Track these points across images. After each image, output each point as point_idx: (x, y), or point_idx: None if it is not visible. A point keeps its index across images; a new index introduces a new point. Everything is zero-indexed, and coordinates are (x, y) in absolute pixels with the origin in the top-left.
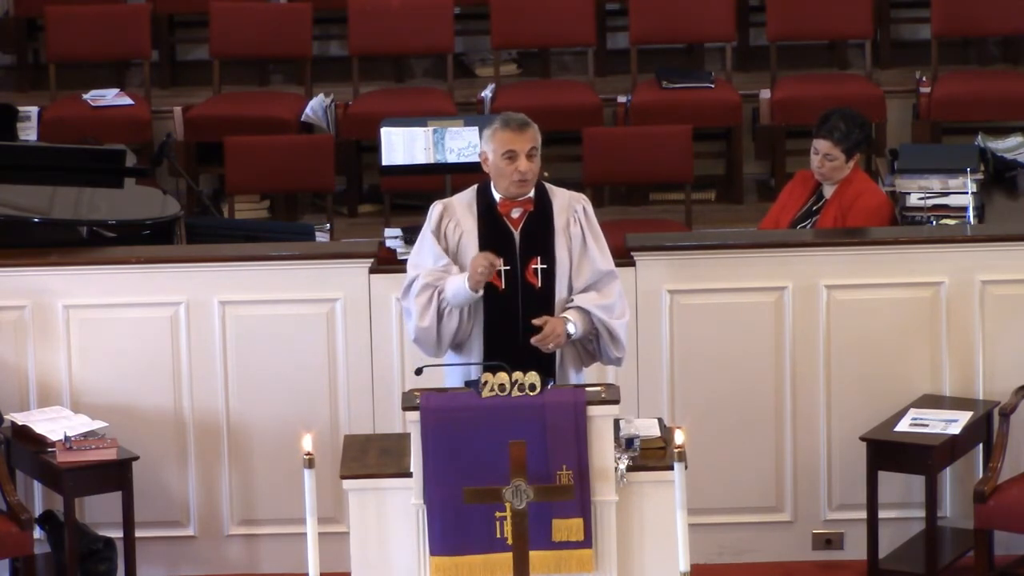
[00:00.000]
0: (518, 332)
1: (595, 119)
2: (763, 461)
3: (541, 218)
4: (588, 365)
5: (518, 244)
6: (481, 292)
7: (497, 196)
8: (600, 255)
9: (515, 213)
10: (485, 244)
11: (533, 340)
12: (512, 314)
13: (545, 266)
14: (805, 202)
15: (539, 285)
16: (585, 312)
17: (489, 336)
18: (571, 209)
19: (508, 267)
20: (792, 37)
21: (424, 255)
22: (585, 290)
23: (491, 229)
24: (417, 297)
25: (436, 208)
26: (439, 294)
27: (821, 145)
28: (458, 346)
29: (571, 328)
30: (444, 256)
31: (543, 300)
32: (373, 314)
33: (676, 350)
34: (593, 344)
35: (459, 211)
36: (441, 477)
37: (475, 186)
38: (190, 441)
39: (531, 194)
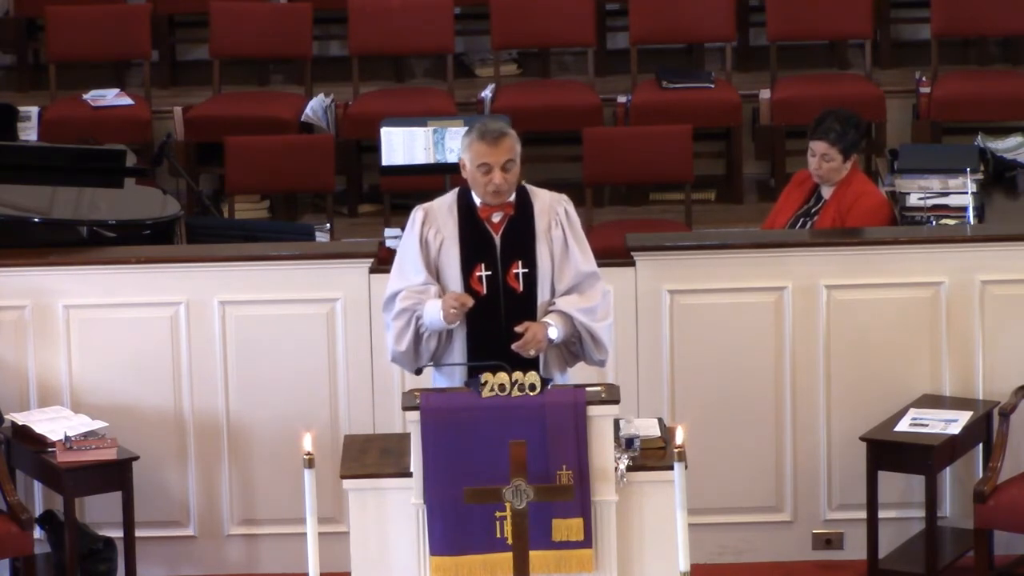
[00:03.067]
0: (500, 337)
1: (595, 119)
2: (763, 461)
3: (522, 222)
4: (572, 366)
5: (499, 249)
6: (458, 323)
7: (477, 200)
8: (582, 256)
9: (496, 217)
10: (466, 250)
11: (514, 346)
12: (494, 319)
13: (526, 270)
14: (802, 203)
15: (521, 289)
16: (567, 316)
17: (471, 341)
18: (552, 211)
19: (490, 272)
20: (792, 37)
21: (406, 264)
22: (567, 292)
23: (472, 234)
24: (395, 320)
25: (418, 214)
26: (417, 319)
27: (817, 147)
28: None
29: (552, 333)
30: (423, 270)
31: (525, 304)
32: (373, 314)
33: (676, 350)
34: (576, 346)
35: (440, 216)
36: (441, 477)
37: (456, 189)
38: (190, 441)
39: (511, 198)
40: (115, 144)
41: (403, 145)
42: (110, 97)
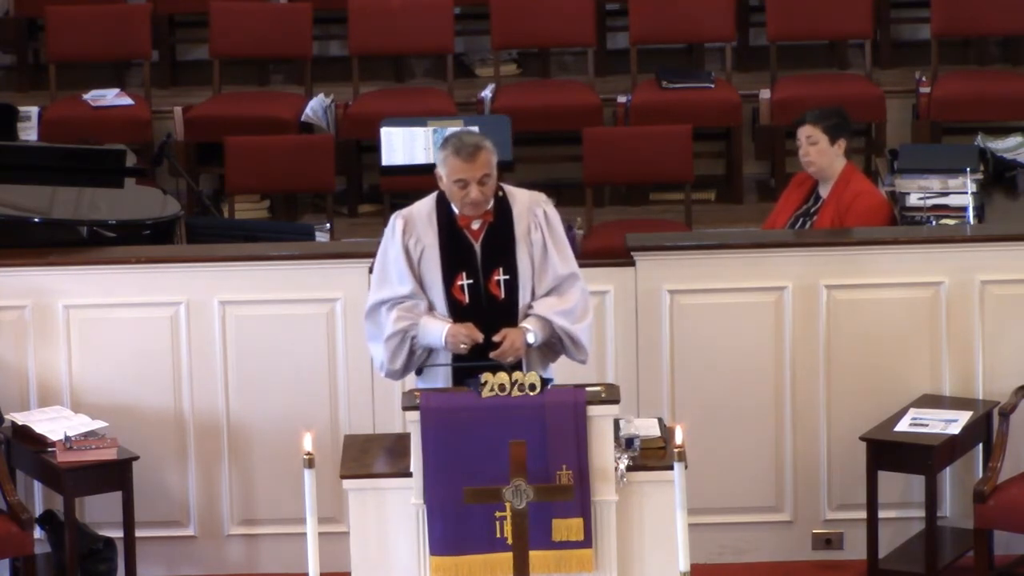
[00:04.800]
0: (482, 344)
1: (595, 119)
2: (763, 461)
3: (502, 228)
4: (553, 362)
5: (479, 257)
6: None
7: (456, 208)
8: (560, 259)
9: (475, 225)
10: (447, 259)
11: (492, 355)
12: (476, 326)
13: (508, 277)
14: (801, 204)
15: (502, 296)
16: (545, 320)
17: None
18: (531, 214)
19: (471, 281)
20: (792, 37)
21: (390, 273)
22: (546, 295)
23: (452, 243)
24: (387, 341)
25: (397, 222)
26: (412, 338)
27: (802, 132)
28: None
29: (531, 338)
30: (409, 280)
31: (506, 311)
32: None
33: (676, 350)
34: (557, 345)
35: (420, 225)
36: (441, 477)
37: (435, 194)
38: (190, 441)
39: (490, 205)
40: (115, 144)
41: (403, 145)
42: (110, 97)
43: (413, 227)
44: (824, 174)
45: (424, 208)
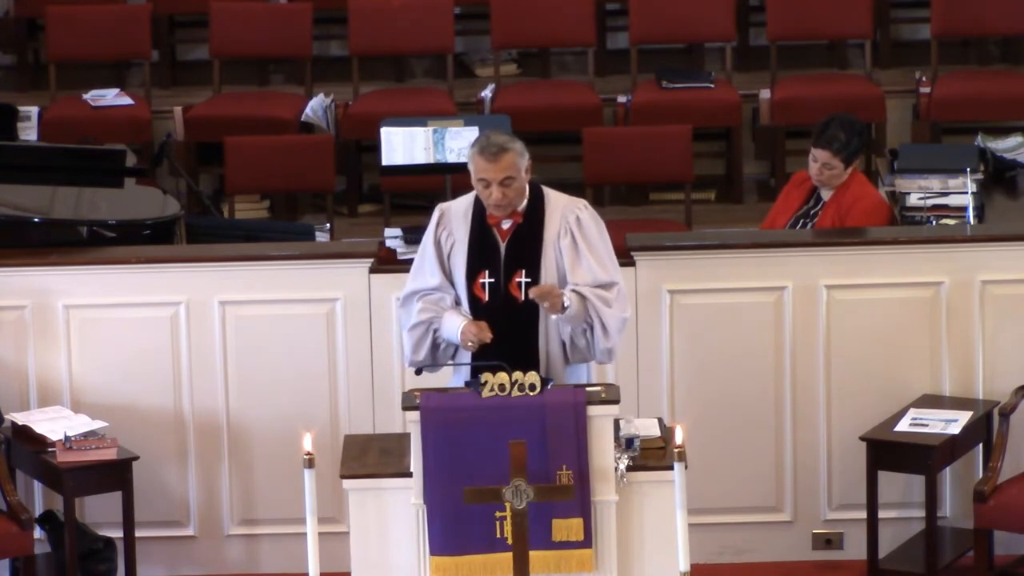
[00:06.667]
0: (499, 344)
1: (595, 119)
2: (763, 461)
3: (530, 230)
4: (584, 361)
5: (503, 256)
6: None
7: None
8: (598, 265)
9: (505, 224)
10: (472, 256)
11: (531, 292)
12: (494, 327)
13: (529, 280)
14: (802, 204)
15: (522, 299)
16: (582, 298)
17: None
18: (563, 218)
19: (493, 280)
20: (792, 37)
21: (425, 264)
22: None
23: (480, 241)
24: (412, 331)
25: (435, 214)
26: (435, 331)
27: (820, 155)
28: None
29: (566, 300)
30: (439, 272)
31: (524, 313)
32: (373, 314)
33: (676, 350)
34: (583, 338)
35: (454, 219)
36: (441, 477)
37: (476, 191)
38: (190, 441)
39: (521, 207)
40: (115, 144)
41: (403, 145)
42: (110, 97)
43: (448, 221)
44: (830, 187)
45: (463, 203)
